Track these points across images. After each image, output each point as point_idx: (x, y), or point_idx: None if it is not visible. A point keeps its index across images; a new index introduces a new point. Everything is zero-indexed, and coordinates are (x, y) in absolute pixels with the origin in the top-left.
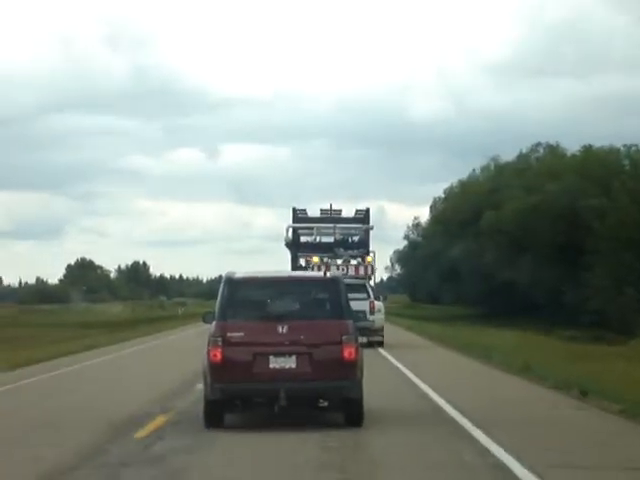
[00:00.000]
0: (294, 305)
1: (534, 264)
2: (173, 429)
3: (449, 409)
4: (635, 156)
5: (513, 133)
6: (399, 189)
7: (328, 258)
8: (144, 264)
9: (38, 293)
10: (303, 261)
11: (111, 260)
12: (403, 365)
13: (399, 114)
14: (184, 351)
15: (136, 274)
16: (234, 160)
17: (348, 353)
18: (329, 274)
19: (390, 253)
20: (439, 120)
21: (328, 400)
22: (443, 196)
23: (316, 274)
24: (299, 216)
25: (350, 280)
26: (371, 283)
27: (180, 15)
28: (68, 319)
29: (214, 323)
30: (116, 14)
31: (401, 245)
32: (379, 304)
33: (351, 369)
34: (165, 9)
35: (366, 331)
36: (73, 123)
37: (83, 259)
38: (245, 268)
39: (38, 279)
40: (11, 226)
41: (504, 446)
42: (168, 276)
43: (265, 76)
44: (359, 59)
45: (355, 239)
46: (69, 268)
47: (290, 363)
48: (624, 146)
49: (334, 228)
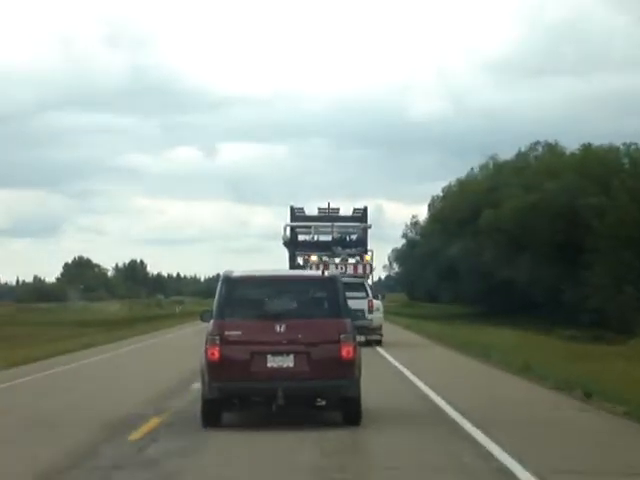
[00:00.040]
0: (292, 304)
1: (533, 263)
2: (168, 430)
3: (448, 409)
4: (635, 155)
5: (512, 132)
6: (397, 188)
7: (326, 257)
8: (142, 262)
9: (35, 291)
10: (301, 260)
11: (108, 258)
12: (401, 364)
13: (397, 113)
14: (182, 350)
15: (133, 272)
16: (232, 159)
17: (346, 352)
18: (327, 273)
19: (388, 252)
20: (438, 119)
21: (326, 399)
22: (441, 195)
23: (314, 273)
24: (297, 215)
25: (348, 279)
26: (369, 282)
27: (179, 14)
28: (65, 317)
29: (212, 322)
30: (115, 13)
31: (399, 244)
32: (377, 303)
33: (349, 368)
34: (163, 8)
35: (364, 330)
36: (71, 121)
37: (80, 257)
38: (243, 267)
39: (35, 277)
40: (8, 224)
41: (505, 448)
42: (166, 274)
43: (264, 75)
44: (357, 58)
45: (353, 238)
46: (66, 266)
47: (288, 362)
48: (623, 144)
49: (332, 227)
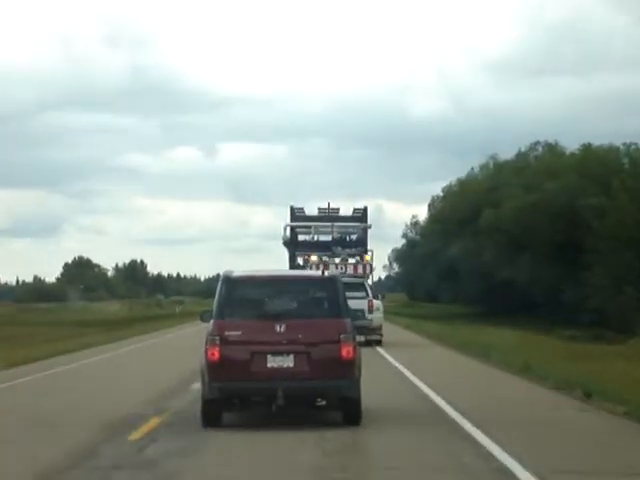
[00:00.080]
0: (292, 304)
1: (533, 263)
2: (167, 430)
3: (448, 409)
4: (635, 155)
5: (512, 132)
6: (397, 188)
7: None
8: (142, 262)
9: (35, 291)
10: (301, 260)
11: (108, 258)
12: (401, 364)
13: (398, 113)
14: (181, 350)
15: (134, 272)
16: (232, 159)
17: (346, 352)
18: (327, 273)
19: (388, 252)
20: (438, 119)
21: (326, 399)
22: (442, 194)
23: (314, 273)
24: (297, 215)
25: (349, 279)
26: (369, 282)
27: (179, 14)
28: (65, 317)
29: (212, 322)
30: (115, 13)
31: (399, 244)
32: (378, 303)
33: (349, 368)
34: (163, 8)
35: (364, 330)
36: (71, 121)
37: (80, 257)
38: (243, 267)
39: (35, 277)
40: (8, 224)
41: (505, 448)
42: (166, 274)
43: (264, 75)
44: (357, 58)
45: (353, 238)
46: (66, 266)
47: (288, 362)
48: (623, 144)
49: (332, 227)
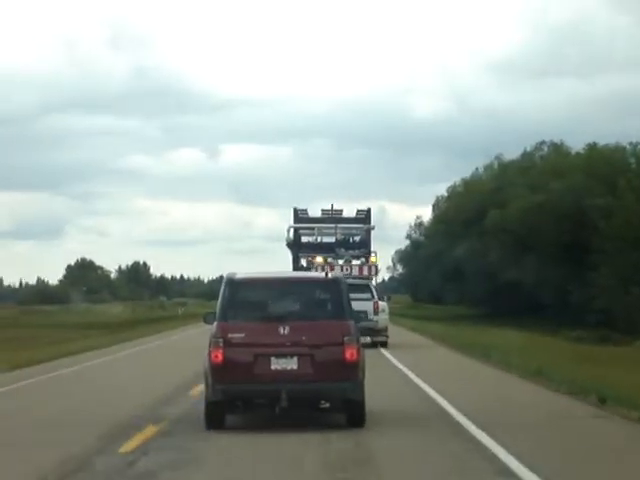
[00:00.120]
0: (295, 306)
1: (539, 263)
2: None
3: (452, 411)
4: None
5: (516, 134)
6: (400, 189)
7: (330, 258)
8: (144, 264)
9: (38, 294)
10: (304, 261)
11: (111, 260)
12: (405, 365)
13: (401, 114)
14: (185, 352)
15: (136, 274)
16: (235, 160)
17: (350, 354)
18: (330, 274)
19: (391, 253)
20: (441, 120)
21: (330, 401)
22: (446, 195)
23: (317, 275)
24: (300, 216)
25: (354, 280)
26: (372, 283)
27: (182, 16)
28: (68, 320)
29: (215, 324)
30: (117, 15)
31: (402, 245)
32: (383, 304)
33: (353, 370)
34: (166, 10)
35: (370, 331)
36: (74, 123)
37: (83, 259)
38: (246, 268)
39: (39, 279)
40: (12, 226)
41: (510, 450)
42: (169, 276)
43: (266, 77)
44: (360, 59)
45: (356, 239)
46: (69, 268)
47: (291, 364)
48: (630, 144)
49: (335, 228)
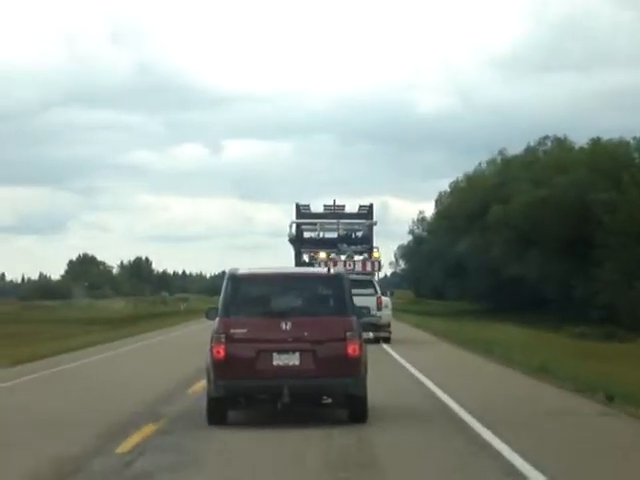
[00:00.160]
0: (297, 301)
1: (542, 258)
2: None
3: (455, 407)
4: None
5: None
6: (403, 185)
7: (333, 254)
8: (147, 260)
9: (40, 289)
10: (307, 257)
11: (113, 256)
12: (408, 362)
13: (404, 109)
14: (186, 348)
15: (139, 270)
16: (237, 156)
17: (352, 350)
18: (332, 270)
19: (394, 249)
20: (444, 115)
21: (332, 397)
22: (449, 190)
23: (319, 270)
24: (302, 212)
25: (357, 276)
26: (375, 278)
27: (183, 11)
28: (70, 315)
29: (217, 319)
30: (119, 10)
31: (404, 240)
32: (386, 300)
33: (355, 366)
34: (168, 5)
35: (373, 327)
36: (75, 118)
37: (85, 255)
38: (248, 264)
39: (41, 275)
40: (14, 221)
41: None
42: (171, 272)
43: (268, 72)
44: (363, 54)
45: (359, 235)
46: (71, 264)
47: (294, 360)
48: (633, 139)
49: (338, 224)
